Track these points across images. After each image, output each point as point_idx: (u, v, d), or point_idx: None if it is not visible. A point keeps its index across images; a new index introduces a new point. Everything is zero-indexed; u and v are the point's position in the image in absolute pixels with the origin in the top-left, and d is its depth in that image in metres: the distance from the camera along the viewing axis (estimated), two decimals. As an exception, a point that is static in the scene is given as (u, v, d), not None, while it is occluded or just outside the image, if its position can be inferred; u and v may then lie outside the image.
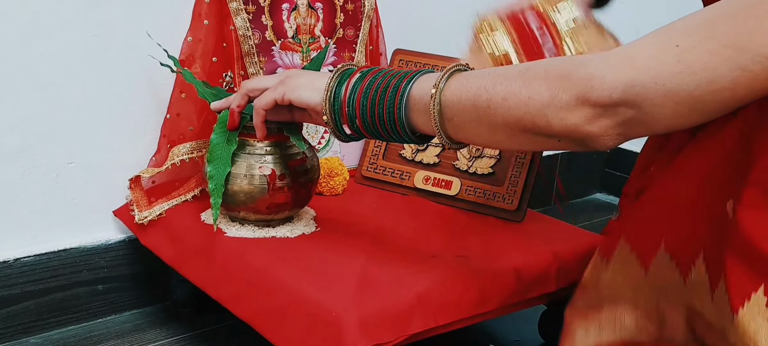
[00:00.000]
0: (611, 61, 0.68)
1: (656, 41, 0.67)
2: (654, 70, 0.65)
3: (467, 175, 1.22)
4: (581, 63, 0.69)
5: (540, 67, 0.72)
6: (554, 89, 0.70)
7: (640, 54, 0.66)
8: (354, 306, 0.86)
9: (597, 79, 0.67)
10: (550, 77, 0.70)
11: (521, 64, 0.75)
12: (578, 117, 0.70)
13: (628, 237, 0.82)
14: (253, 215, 1.05)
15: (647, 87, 0.66)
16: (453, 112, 0.79)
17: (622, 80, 0.66)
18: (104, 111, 1.17)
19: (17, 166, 1.11)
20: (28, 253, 1.14)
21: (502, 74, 0.75)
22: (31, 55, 1.09)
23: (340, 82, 0.89)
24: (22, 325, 1.14)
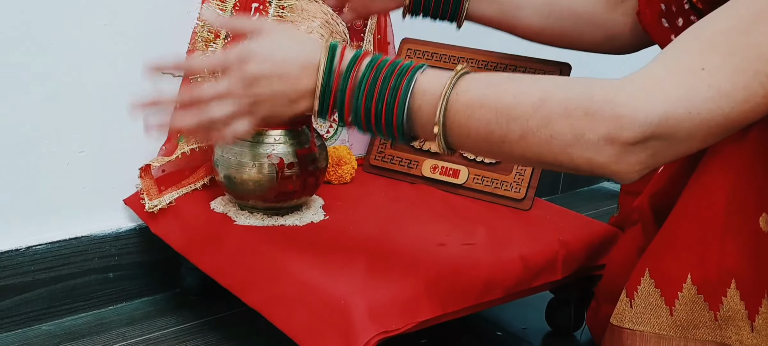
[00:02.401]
0: (639, 93, 0.62)
1: (680, 65, 0.62)
2: (686, 100, 0.61)
3: (475, 163, 1.23)
4: (606, 99, 0.63)
5: (558, 103, 0.65)
6: (579, 129, 0.64)
7: (667, 82, 0.62)
8: (363, 294, 0.87)
9: (627, 117, 0.62)
10: (572, 116, 0.64)
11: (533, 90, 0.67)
12: (606, 156, 0.64)
13: (653, 270, 0.79)
14: (261, 204, 1.06)
15: (681, 119, 0.62)
16: (462, 144, 0.73)
17: (656, 115, 0.62)
18: (115, 100, 1.17)
19: (29, 155, 1.12)
20: (40, 241, 1.15)
21: (513, 106, 0.67)
22: (42, 45, 1.10)
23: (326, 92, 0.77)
24: (35, 312, 1.16)
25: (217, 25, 0.84)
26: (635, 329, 0.79)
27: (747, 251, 0.72)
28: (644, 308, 0.80)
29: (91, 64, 1.14)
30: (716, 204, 0.73)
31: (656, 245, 0.80)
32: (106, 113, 1.17)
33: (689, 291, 0.76)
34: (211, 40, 0.98)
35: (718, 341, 0.75)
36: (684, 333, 0.77)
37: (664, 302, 0.78)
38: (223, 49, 0.95)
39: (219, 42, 0.97)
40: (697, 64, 0.61)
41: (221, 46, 0.97)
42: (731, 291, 0.73)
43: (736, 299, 0.73)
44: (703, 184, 0.75)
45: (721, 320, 0.74)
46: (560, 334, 1.20)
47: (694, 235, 0.76)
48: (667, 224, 0.79)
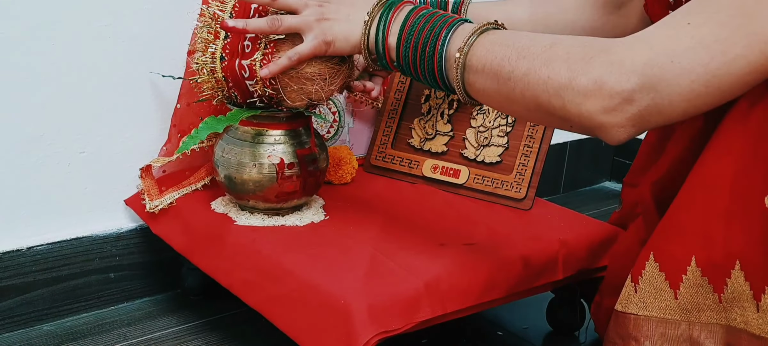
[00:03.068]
0: (629, 43, 0.68)
1: (669, 22, 0.67)
2: (669, 48, 0.65)
3: (475, 163, 1.23)
4: (603, 48, 0.69)
5: (563, 47, 0.71)
6: (574, 72, 0.69)
7: (655, 36, 0.67)
8: (363, 294, 0.87)
9: (616, 63, 0.67)
10: (571, 59, 0.70)
11: (548, 37, 0.74)
12: (594, 105, 0.69)
13: (657, 254, 0.80)
14: (262, 204, 1.06)
15: (663, 66, 0.65)
16: (476, 77, 0.80)
17: (640, 62, 0.66)
18: (116, 101, 1.18)
19: (30, 155, 1.12)
20: (41, 241, 1.15)
21: (527, 46, 0.74)
22: (43, 46, 1.10)
23: (379, 28, 0.89)
24: (36, 312, 1.16)
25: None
26: (640, 314, 0.81)
27: (753, 231, 0.73)
28: (649, 292, 0.80)
29: (92, 65, 1.15)
30: (721, 187, 0.74)
31: (661, 230, 0.80)
32: (107, 114, 1.17)
33: (694, 274, 0.77)
34: (210, 41, 0.98)
35: (722, 323, 0.76)
36: (688, 316, 0.78)
37: (669, 285, 0.79)
38: (224, 49, 0.96)
39: (219, 42, 0.97)
40: (684, 21, 0.65)
41: (220, 47, 0.97)
42: (736, 272, 0.74)
43: (741, 280, 0.74)
44: (707, 168, 0.76)
45: (725, 302, 0.75)
46: (561, 334, 1.20)
47: (699, 218, 0.77)
48: (672, 209, 0.80)
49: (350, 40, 0.91)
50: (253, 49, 0.96)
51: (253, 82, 0.97)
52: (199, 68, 1.00)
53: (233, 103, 1.04)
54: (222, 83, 1.00)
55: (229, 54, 0.97)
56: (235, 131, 1.06)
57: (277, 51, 0.95)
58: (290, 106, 1.01)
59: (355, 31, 0.90)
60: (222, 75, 0.99)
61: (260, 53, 0.95)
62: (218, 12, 0.99)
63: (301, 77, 0.96)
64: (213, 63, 0.98)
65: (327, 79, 0.97)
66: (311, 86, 0.97)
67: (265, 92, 0.98)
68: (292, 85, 0.97)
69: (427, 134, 1.27)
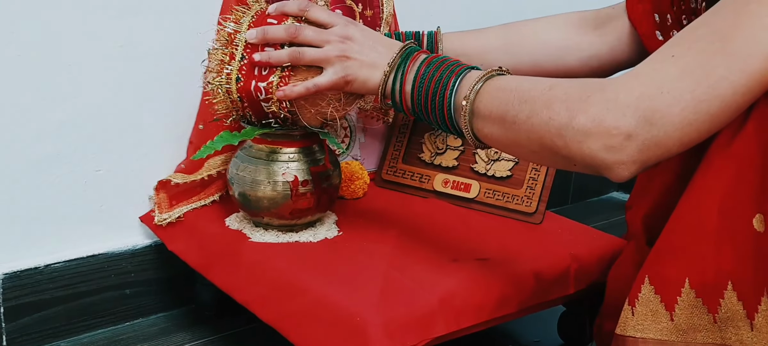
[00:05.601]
0: (622, 80, 0.71)
1: (656, 57, 0.71)
2: (657, 80, 0.68)
3: (486, 178, 1.24)
4: (599, 87, 0.72)
5: (562, 88, 0.74)
6: (572, 111, 0.72)
7: (644, 71, 0.70)
8: (378, 310, 0.88)
9: (612, 100, 0.70)
10: (570, 99, 0.73)
11: (548, 80, 0.77)
12: (595, 143, 0.71)
13: (652, 277, 0.81)
14: (276, 221, 1.08)
15: (654, 98, 0.68)
16: (483, 123, 0.83)
17: (633, 96, 0.69)
18: (132, 119, 1.19)
19: (46, 174, 1.13)
20: (57, 259, 1.16)
21: (528, 90, 0.78)
22: (59, 65, 1.11)
23: (396, 77, 0.92)
24: (53, 329, 1.17)
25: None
26: (638, 337, 0.82)
27: (742, 251, 0.74)
28: (645, 315, 0.81)
29: (108, 84, 1.16)
30: (710, 209, 0.76)
31: (655, 253, 0.82)
32: (123, 133, 1.19)
33: (688, 295, 0.78)
34: (226, 62, 0.99)
35: (718, 342, 0.77)
36: (685, 338, 0.79)
37: (664, 307, 0.80)
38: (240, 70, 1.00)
39: (234, 64, 0.99)
40: (668, 53, 0.69)
41: (237, 69, 0.98)
42: (728, 292, 0.75)
43: (734, 300, 0.75)
44: (696, 192, 0.78)
45: (720, 322, 0.76)
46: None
47: (691, 239, 0.78)
48: (665, 232, 0.81)
49: (368, 85, 0.95)
50: (270, 72, 0.97)
51: (269, 103, 0.98)
52: (213, 89, 1.01)
53: (248, 123, 1.06)
54: (237, 104, 1.01)
55: (246, 75, 0.98)
56: (249, 149, 1.07)
57: (293, 75, 0.97)
58: (305, 126, 1.02)
59: (375, 77, 0.94)
60: (237, 96, 1.00)
61: (277, 76, 0.97)
62: (233, 32, 1.00)
63: (316, 98, 0.98)
64: (228, 84, 0.99)
65: (342, 100, 0.98)
66: (327, 107, 0.98)
67: (280, 113, 0.99)
68: (308, 107, 0.98)
69: (437, 149, 1.29)
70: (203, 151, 1.03)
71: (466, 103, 0.84)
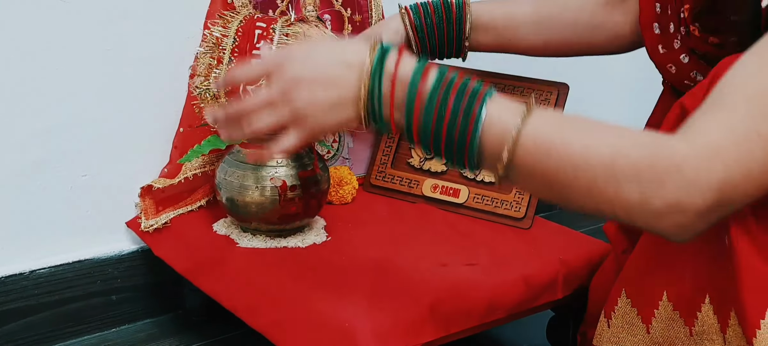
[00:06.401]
0: (700, 158, 0.62)
1: (734, 129, 0.62)
2: (745, 167, 0.62)
3: (475, 183, 1.24)
4: (675, 165, 0.63)
5: (628, 164, 0.64)
6: (646, 195, 0.63)
7: (726, 148, 0.62)
8: (367, 316, 0.88)
9: (691, 183, 0.62)
10: (642, 178, 0.63)
11: (605, 145, 0.66)
12: (668, 223, 0.65)
13: (629, 290, 0.81)
14: (264, 226, 1.07)
15: (739, 185, 0.63)
16: (522, 183, 0.71)
17: (716, 180, 0.62)
18: (118, 124, 1.18)
19: (32, 179, 1.13)
20: (43, 265, 1.15)
21: (582, 160, 0.66)
22: (45, 70, 1.11)
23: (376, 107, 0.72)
24: (38, 336, 1.16)
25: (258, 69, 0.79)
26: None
27: (718, 265, 0.74)
28: (621, 326, 0.82)
29: (94, 89, 1.15)
30: None
31: (632, 265, 0.82)
32: (109, 137, 1.18)
33: (665, 308, 0.78)
34: (214, 66, 0.99)
35: None
36: None
37: (641, 320, 0.80)
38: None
39: (222, 67, 0.98)
40: (752, 129, 0.61)
41: (224, 73, 0.98)
42: (705, 306, 0.75)
43: (710, 314, 0.75)
44: None
45: (696, 336, 0.76)
46: (561, 352, 1.21)
47: (669, 253, 0.78)
48: (642, 244, 0.81)
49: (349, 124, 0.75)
50: (258, 76, 0.97)
51: (258, 107, 0.98)
52: (201, 93, 1.01)
53: (235, 127, 1.05)
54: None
55: (233, 80, 0.98)
56: (237, 154, 1.07)
57: None
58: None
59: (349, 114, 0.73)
60: (225, 100, 1.00)
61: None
62: (220, 36, 1.00)
63: None
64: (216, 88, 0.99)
65: None
66: None
67: (268, 117, 0.99)
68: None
69: (426, 154, 1.28)
70: (190, 155, 1.03)
71: (501, 169, 0.69)
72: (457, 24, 1.10)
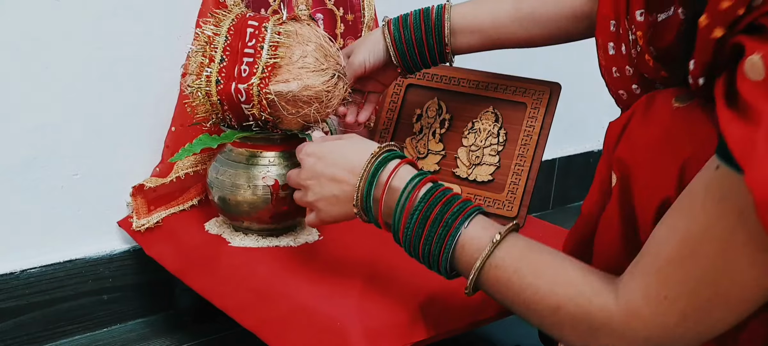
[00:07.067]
0: (626, 322, 0.70)
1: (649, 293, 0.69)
2: (661, 326, 0.69)
3: (467, 182, 1.24)
4: (604, 323, 0.72)
5: (568, 315, 0.74)
6: (584, 339, 0.74)
7: (644, 312, 0.69)
8: (358, 315, 0.88)
9: (620, 338, 0.71)
10: (580, 329, 0.74)
11: (548, 299, 0.76)
12: None
13: None
14: (256, 225, 1.07)
15: (662, 338, 0.70)
16: (489, 294, 0.82)
17: (641, 338, 0.70)
18: (109, 123, 1.18)
19: (23, 178, 1.12)
20: (34, 264, 1.15)
21: (532, 304, 0.77)
22: (36, 69, 1.10)
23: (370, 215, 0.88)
24: (29, 335, 1.16)
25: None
26: None
27: None
28: None
29: (85, 88, 1.15)
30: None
31: None
32: (100, 137, 1.18)
33: None
34: (206, 65, 0.99)
35: None
36: None
37: None
38: (219, 72, 0.97)
39: (214, 66, 0.98)
40: (661, 294, 0.68)
41: (216, 71, 0.97)
42: None
43: None
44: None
45: None
46: (553, 351, 1.21)
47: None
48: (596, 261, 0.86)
49: (346, 216, 0.90)
50: (250, 73, 0.96)
51: (250, 105, 0.98)
52: (192, 91, 1.01)
53: (227, 126, 1.05)
54: (217, 106, 1.01)
55: (226, 78, 0.98)
56: (229, 153, 1.06)
57: (274, 75, 0.96)
58: (286, 129, 1.01)
59: (346, 211, 0.89)
60: (217, 98, 0.99)
61: (257, 77, 0.96)
62: (213, 35, 0.99)
63: (298, 101, 0.97)
64: (208, 86, 0.99)
65: (323, 102, 0.98)
66: (308, 109, 0.98)
67: (260, 116, 0.99)
68: (289, 109, 0.98)
69: (419, 153, 1.28)
70: (181, 154, 1.02)
71: (467, 290, 0.82)
72: (436, 32, 1.11)
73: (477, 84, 1.26)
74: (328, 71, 0.99)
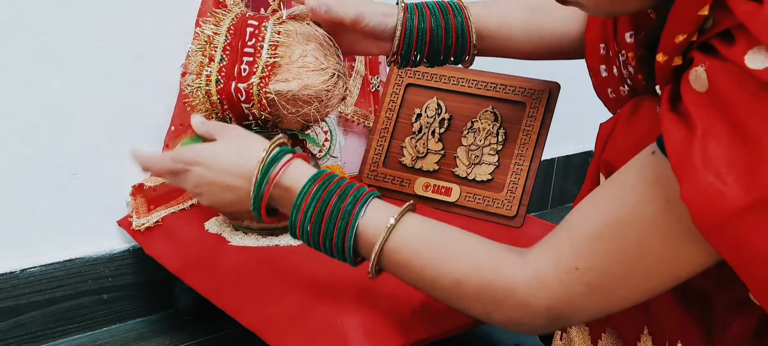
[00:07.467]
0: (530, 291, 0.72)
1: (559, 263, 0.71)
2: (566, 296, 0.71)
3: (466, 181, 1.24)
4: (507, 292, 0.73)
5: (471, 287, 0.76)
6: (488, 310, 0.76)
7: (551, 281, 0.71)
8: (358, 314, 0.88)
9: (522, 306, 0.73)
10: (483, 300, 0.75)
11: (449, 275, 0.77)
12: (515, 331, 0.78)
13: None
14: (256, 224, 1.07)
15: (563, 309, 0.72)
16: (394, 275, 0.83)
17: (543, 306, 0.72)
18: (109, 123, 1.18)
19: (22, 177, 1.12)
20: (34, 263, 1.15)
21: (433, 281, 0.78)
22: (36, 68, 1.10)
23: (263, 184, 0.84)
24: (29, 335, 1.16)
25: (199, 130, 0.92)
26: None
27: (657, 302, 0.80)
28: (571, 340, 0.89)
29: (85, 87, 1.15)
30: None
31: None
32: (100, 136, 1.18)
33: (611, 334, 0.86)
34: (206, 64, 0.99)
35: None
36: None
37: (590, 340, 0.88)
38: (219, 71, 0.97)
39: (214, 65, 0.98)
40: (572, 264, 0.70)
41: (216, 70, 0.97)
42: (644, 336, 0.81)
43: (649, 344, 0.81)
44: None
45: None
46: (552, 350, 1.21)
47: None
48: None
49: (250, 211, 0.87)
50: (250, 73, 0.96)
51: (250, 104, 0.98)
52: (192, 91, 1.01)
53: (227, 125, 1.05)
54: (217, 106, 1.01)
55: (225, 77, 0.98)
56: (228, 152, 1.06)
57: (274, 74, 0.96)
58: (286, 128, 1.01)
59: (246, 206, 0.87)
60: (217, 98, 0.99)
61: (257, 77, 0.96)
62: (213, 34, 0.99)
63: (298, 100, 0.97)
64: (208, 86, 0.99)
65: (323, 101, 0.98)
66: (308, 109, 0.98)
67: (261, 115, 0.99)
68: (289, 108, 0.98)
69: (418, 153, 1.29)
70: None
71: (370, 275, 0.82)
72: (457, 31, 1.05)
73: (476, 83, 1.26)
74: (328, 70, 0.99)
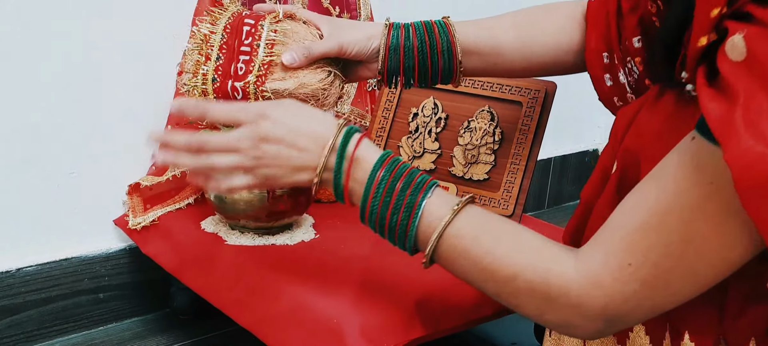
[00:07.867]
0: (584, 291, 0.71)
1: (610, 261, 0.70)
2: (620, 293, 0.70)
3: (463, 181, 1.24)
4: (561, 292, 0.72)
5: (525, 283, 0.74)
6: (542, 310, 0.74)
7: (605, 280, 0.70)
8: (355, 313, 0.88)
9: (577, 307, 0.72)
10: (537, 297, 0.74)
11: (505, 267, 0.76)
12: (565, 332, 0.79)
13: None
14: (253, 223, 1.07)
15: (619, 308, 0.71)
16: (446, 266, 0.82)
17: (598, 307, 0.71)
18: (105, 122, 1.18)
19: (19, 177, 1.12)
20: (30, 262, 1.15)
21: (489, 273, 0.77)
22: (32, 67, 1.10)
23: (338, 181, 0.83)
24: (25, 334, 1.15)
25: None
26: None
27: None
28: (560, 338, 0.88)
29: (82, 87, 1.15)
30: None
31: None
32: (97, 135, 1.18)
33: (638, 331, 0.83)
34: (202, 63, 0.99)
35: None
36: None
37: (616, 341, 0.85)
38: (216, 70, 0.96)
39: (210, 64, 0.98)
40: (625, 261, 0.69)
41: (212, 69, 0.98)
42: (637, 327, 0.80)
43: (642, 335, 0.80)
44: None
45: None
46: (549, 349, 1.21)
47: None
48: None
49: (298, 184, 0.84)
50: (247, 72, 0.96)
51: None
52: (189, 90, 1.00)
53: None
54: (213, 105, 1.01)
55: (222, 76, 0.98)
56: (225, 151, 1.06)
57: (271, 73, 0.96)
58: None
59: (302, 178, 0.83)
60: (213, 96, 0.99)
61: (254, 76, 0.96)
62: (208, 33, 0.99)
63: (295, 99, 0.97)
64: (204, 85, 0.99)
65: (320, 99, 0.98)
66: None
67: (257, 114, 0.99)
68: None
69: (415, 152, 1.29)
70: None
71: (425, 261, 0.82)
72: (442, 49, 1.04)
73: (473, 83, 1.26)
74: (324, 69, 0.99)
